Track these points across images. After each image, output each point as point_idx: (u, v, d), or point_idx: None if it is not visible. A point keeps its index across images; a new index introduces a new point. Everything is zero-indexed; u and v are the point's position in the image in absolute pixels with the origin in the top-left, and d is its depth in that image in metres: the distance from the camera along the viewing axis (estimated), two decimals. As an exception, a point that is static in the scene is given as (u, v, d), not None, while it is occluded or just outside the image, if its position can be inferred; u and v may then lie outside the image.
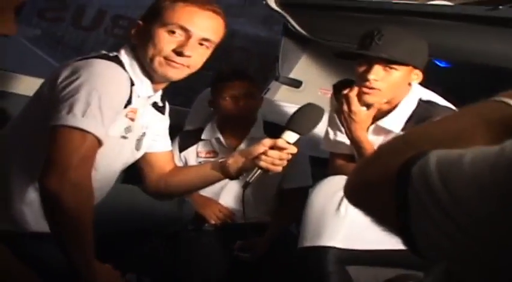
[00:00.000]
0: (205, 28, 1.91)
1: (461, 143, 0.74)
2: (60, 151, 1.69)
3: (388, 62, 2.16)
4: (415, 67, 2.23)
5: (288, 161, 2.00)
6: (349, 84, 2.38)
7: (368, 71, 2.16)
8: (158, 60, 1.88)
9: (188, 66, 1.91)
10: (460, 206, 0.66)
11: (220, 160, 2.18)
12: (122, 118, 1.90)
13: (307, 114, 2.02)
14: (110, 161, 1.97)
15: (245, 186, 1.98)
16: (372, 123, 2.31)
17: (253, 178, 1.97)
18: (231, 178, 2.17)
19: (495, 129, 0.79)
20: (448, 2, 2.46)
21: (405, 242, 0.75)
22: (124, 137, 1.96)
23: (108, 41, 4.98)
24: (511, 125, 0.80)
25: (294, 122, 1.98)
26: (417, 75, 2.25)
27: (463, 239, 0.67)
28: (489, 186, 0.64)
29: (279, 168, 1.99)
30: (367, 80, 2.16)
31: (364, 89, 2.19)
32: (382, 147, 0.89)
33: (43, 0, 4.86)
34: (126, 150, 2.03)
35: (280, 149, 1.96)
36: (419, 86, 2.31)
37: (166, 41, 1.88)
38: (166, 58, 1.88)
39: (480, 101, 0.84)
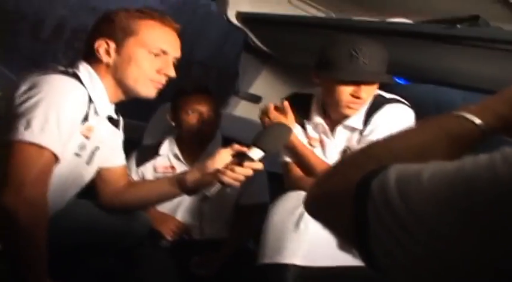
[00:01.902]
0: (177, 47, 1.99)
1: (422, 157, 0.73)
2: (17, 167, 1.66)
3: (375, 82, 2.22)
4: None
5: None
6: (297, 97, 2.46)
7: (359, 89, 2.18)
8: (143, 81, 1.93)
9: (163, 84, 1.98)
10: (418, 222, 0.65)
11: (177, 176, 2.16)
12: (77, 135, 1.88)
13: (276, 133, 2.04)
14: (62, 178, 1.93)
15: (203, 199, 1.95)
16: (336, 124, 2.35)
17: (212, 192, 1.95)
18: (188, 193, 2.16)
19: (455, 144, 0.80)
20: (408, 20, 2.49)
21: (363, 257, 0.73)
22: (77, 155, 1.93)
23: (67, 55, 4.91)
24: (470, 141, 0.81)
25: (261, 139, 1.98)
26: None
27: (422, 254, 0.65)
28: (448, 202, 0.63)
29: (238, 184, 1.98)
30: (359, 97, 2.19)
31: (353, 106, 2.22)
32: (344, 160, 0.89)
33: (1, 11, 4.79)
34: (78, 168, 1.99)
35: (244, 165, 1.96)
36: None
37: (151, 63, 1.92)
38: (152, 80, 1.93)
39: (441, 115, 0.84)
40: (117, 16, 1.93)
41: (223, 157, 2.04)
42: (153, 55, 1.93)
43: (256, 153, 1.95)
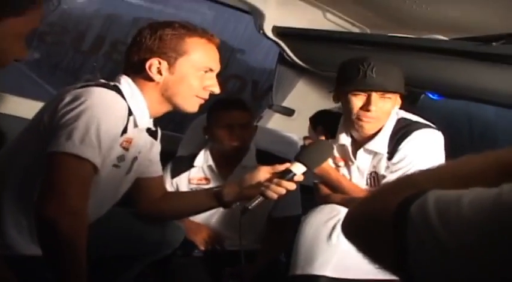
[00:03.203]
0: (218, 63, 2.05)
1: (466, 186, 0.72)
2: (58, 178, 1.69)
3: (385, 92, 2.24)
4: (400, 93, 2.31)
5: None
6: (324, 115, 2.51)
7: (368, 102, 2.23)
8: (190, 98, 1.99)
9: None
10: (460, 248, 0.66)
11: (214, 189, 2.19)
12: (117, 147, 1.91)
13: (318, 150, 2.09)
14: (101, 189, 1.96)
15: (244, 212, 1.98)
16: (359, 146, 2.38)
17: (253, 205, 1.98)
18: (225, 207, 2.19)
19: (505, 171, 0.77)
20: (443, 37, 2.50)
21: (404, 280, 0.74)
22: (116, 166, 1.97)
23: (106, 66, 4.99)
24: None
25: (305, 155, 2.03)
26: (399, 100, 2.34)
27: (463, 278, 0.66)
28: (486, 233, 0.64)
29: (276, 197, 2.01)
30: (369, 110, 2.23)
31: (364, 119, 2.26)
32: (384, 185, 0.89)
33: (44, 24, 4.88)
34: (117, 179, 2.03)
35: (281, 182, 1.99)
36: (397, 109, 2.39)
37: (199, 81, 1.98)
38: (198, 96, 2.00)
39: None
40: (165, 34, 1.96)
41: (263, 174, 2.07)
42: (201, 72, 1.98)
43: (299, 168, 1.99)
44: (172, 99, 1.99)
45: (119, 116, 1.86)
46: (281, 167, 2.03)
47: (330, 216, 2.14)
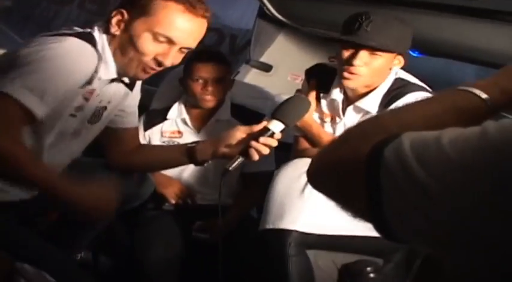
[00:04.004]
0: (191, 38, 1.87)
1: (430, 128, 0.72)
2: None
3: (374, 49, 2.16)
4: (399, 53, 2.24)
5: None
6: (321, 69, 2.43)
7: (354, 56, 2.16)
8: (136, 64, 1.86)
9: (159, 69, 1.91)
10: (442, 188, 0.65)
11: (188, 145, 2.14)
12: (76, 97, 1.86)
13: (296, 106, 2.01)
14: (58, 137, 1.93)
15: (224, 173, 1.92)
16: (350, 104, 2.32)
17: (233, 166, 1.90)
18: (196, 164, 2.15)
19: (462, 117, 0.80)
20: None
21: (376, 224, 0.73)
22: (73, 115, 1.91)
23: (80, 17, 4.87)
24: (476, 115, 0.81)
25: (282, 112, 1.95)
26: (399, 61, 2.27)
27: (444, 220, 0.65)
28: (477, 170, 0.63)
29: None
30: (352, 65, 2.16)
31: (346, 74, 2.19)
32: (350, 131, 0.87)
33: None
34: (76, 127, 1.97)
35: (263, 140, 1.90)
36: (398, 69, 2.32)
37: (150, 48, 1.83)
38: (145, 64, 1.85)
39: (449, 89, 0.85)
40: None
41: (239, 133, 1.98)
42: (156, 41, 1.83)
43: (276, 126, 1.92)
44: (119, 57, 1.88)
45: (82, 69, 1.80)
46: (258, 127, 1.96)
47: (303, 171, 2.08)
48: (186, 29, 1.84)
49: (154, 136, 2.77)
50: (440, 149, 0.67)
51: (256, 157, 1.90)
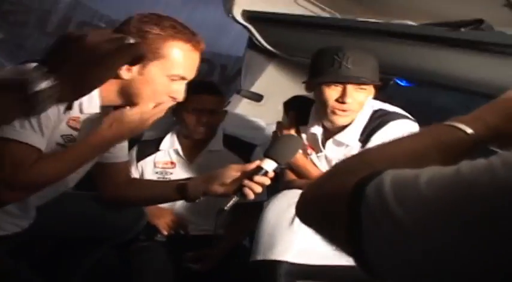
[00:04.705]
0: (195, 70, 1.93)
1: (415, 164, 0.73)
2: (2, 164, 1.71)
3: (359, 83, 2.20)
4: (376, 84, 2.27)
5: None
6: (298, 101, 2.48)
7: (344, 94, 2.19)
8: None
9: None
10: (417, 227, 0.66)
11: (180, 181, 2.14)
12: (62, 125, 1.87)
13: (287, 145, 2.04)
14: None
15: (219, 213, 1.92)
16: (329, 137, 2.35)
17: (229, 205, 1.90)
18: (188, 200, 2.14)
19: (446, 153, 0.81)
20: (412, 22, 2.49)
21: (357, 261, 0.73)
22: (60, 145, 1.91)
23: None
24: (461, 150, 0.82)
25: (275, 151, 1.97)
26: (373, 90, 2.30)
27: (420, 259, 0.66)
28: (449, 209, 0.64)
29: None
30: (344, 102, 2.19)
31: (339, 112, 2.22)
32: (337, 166, 0.88)
33: (8, 3, 4.76)
34: None
35: (257, 179, 1.92)
36: (372, 100, 2.35)
37: (167, 88, 1.88)
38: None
39: (434, 124, 0.86)
40: (150, 33, 1.83)
41: (232, 172, 1.99)
42: (170, 80, 1.87)
43: (269, 165, 1.94)
44: (132, 98, 1.88)
45: None
46: (251, 166, 1.97)
47: (293, 201, 2.08)
48: (193, 65, 1.91)
49: (147, 167, 2.78)
50: (418, 188, 0.67)
51: (252, 196, 1.92)
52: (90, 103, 1.89)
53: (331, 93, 2.21)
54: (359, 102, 2.23)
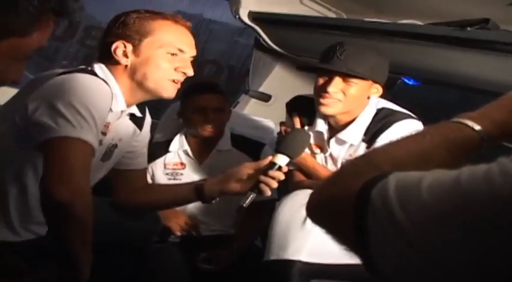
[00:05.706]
0: (192, 46, 1.99)
1: (422, 164, 0.74)
2: (66, 162, 1.67)
3: (348, 76, 2.22)
4: (375, 82, 2.28)
5: None
6: (301, 101, 2.48)
7: (328, 83, 2.22)
8: (164, 82, 1.93)
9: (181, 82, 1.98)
10: (418, 232, 0.67)
11: (196, 183, 2.16)
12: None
13: (298, 139, 2.07)
14: None
15: (239, 211, 1.96)
16: (333, 135, 2.36)
17: (247, 202, 1.94)
18: (204, 201, 2.16)
19: (455, 150, 0.82)
20: (418, 22, 2.50)
21: (364, 262, 0.75)
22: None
23: (80, 52, 4.92)
24: (469, 147, 0.83)
25: (285, 146, 2.01)
26: (377, 89, 2.31)
27: (421, 263, 0.67)
28: (447, 216, 0.65)
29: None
30: (327, 92, 2.21)
31: (322, 101, 2.24)
32: (344, 167, 0.91)
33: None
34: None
35: (272, 174, 1.95)
36: (377, 98, 2.36)
37: (169, 63, 1.92)
38: (172, 80, 1.93)
39: (442, 121, 0.86)
40: (129, 18, 1.93)
41: (246, 170, 2.02)
42: (170, 55, 1.93)
43: (282, 159, 1.97)
44: (144, 84, 1.93)
45: (107, 99, 1.83)
46: (265, 162, 2.00)
47: (304, 202, 2.10)
48: (185, 38, 1.97)
49: (157, 168, 2.80)
50: (419, 193, 0.68)
51: (268, 192, 1.95)
52: (117, 102, 1.93)
53: (320, 81, 2.25)
54: (349, 96, 2.23)
